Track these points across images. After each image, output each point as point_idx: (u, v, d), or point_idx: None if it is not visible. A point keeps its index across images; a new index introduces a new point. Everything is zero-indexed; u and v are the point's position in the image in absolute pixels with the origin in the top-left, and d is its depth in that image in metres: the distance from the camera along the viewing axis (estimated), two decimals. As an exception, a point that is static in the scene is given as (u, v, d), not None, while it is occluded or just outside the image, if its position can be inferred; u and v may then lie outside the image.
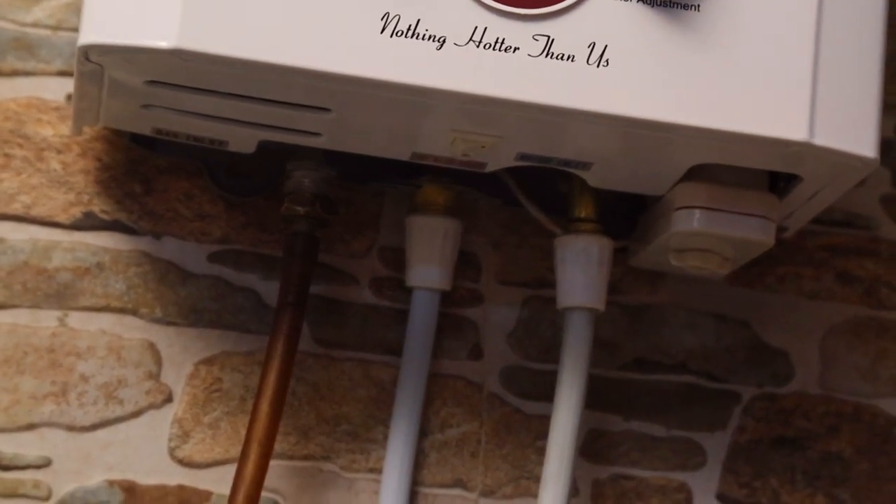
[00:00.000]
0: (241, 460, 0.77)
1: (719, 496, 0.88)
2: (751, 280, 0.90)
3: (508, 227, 0.88)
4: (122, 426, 0.82)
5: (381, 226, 0.87)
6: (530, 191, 0.85)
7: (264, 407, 0.77)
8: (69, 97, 0.84)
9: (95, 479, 0.82)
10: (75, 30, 0.84)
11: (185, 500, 0.82)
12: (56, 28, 0.85)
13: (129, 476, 0.82)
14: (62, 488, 0.81)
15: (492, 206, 0.88)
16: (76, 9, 0.85)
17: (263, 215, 0.85)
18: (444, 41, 0.69)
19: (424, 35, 0.69)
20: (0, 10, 0.85)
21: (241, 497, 0.76)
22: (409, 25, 0.69)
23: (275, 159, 0.82)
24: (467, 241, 0.87)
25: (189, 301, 0.84)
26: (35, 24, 0.85)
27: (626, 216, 0.86)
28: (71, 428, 0.82)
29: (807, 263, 0.91)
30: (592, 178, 0.79)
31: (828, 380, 0.91)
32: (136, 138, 0.83)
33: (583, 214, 0.83)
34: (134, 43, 0.68)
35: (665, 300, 0.89)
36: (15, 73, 0.84)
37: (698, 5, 0.71)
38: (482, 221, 0.88)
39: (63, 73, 0.84)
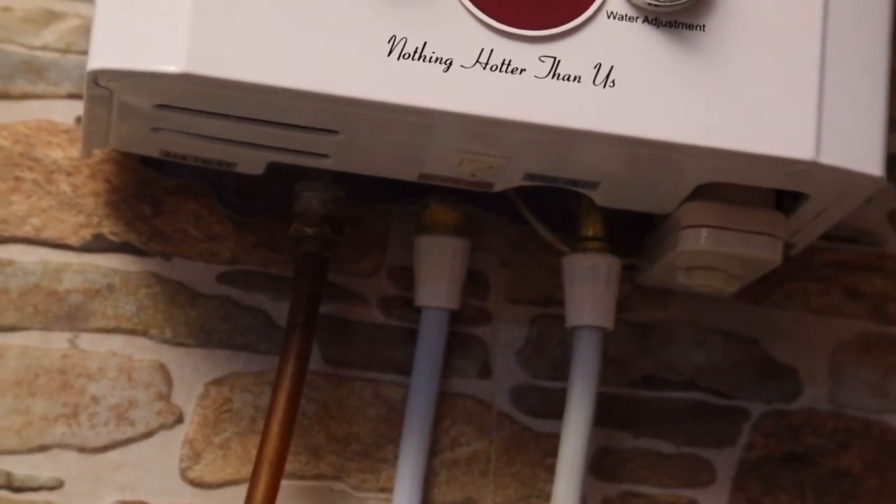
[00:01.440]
0: (253, 481, 0.77)
1: (729, 513, 0.89)
2: (758, 296, 0.90)
3: (516, 245, 0.88)
4: (133, 447, 0.83)
5: (389, 245, 0.87)
6: (538, 209, 0.86)
7: (275, 428, 0.78)
8: (78, 120, 0.84)
9: (107, 500, 0.82)
10: (84, 53, 0.84)
11: (196, 521, 0.83)
12: (65, 51, 0.85)
13: (141, 497, 0.82)
14: (74, 510, 0.82)
15: (499, 224, 0.88)
16: (85, 31, 0.85)
17: (272, 235, 0.85)
18: (450, 63, 0.69)
19: (431, 57, 0.69)
20: (9, 34, 0.85)
21: (252, 518, 0.76)
22: (416, 48, 0.69)
23: (283, 179, 0.82)
24: (475, 260, 0.87)
25: (199, 321, 0.84)
26: (44, 48, 0.85)
27: (634, 234, 0.86)
28: (82, 449, 0.82)
29: (814, 279, 0.92)
30: (599, 197, 0.79)
31: (837, 396, 0.91)
32: (145, 160, 0.84)
33: (590, 233, 0.83)
34: (143, 68, 0.68)
35: (673, 317, 0.90)
36: (25, 96, 0.85)
37: (704, 25, 0.71)
38: (490, 240, 0.88)
39: (72, 96, 0.85)
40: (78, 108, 0.84)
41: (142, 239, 0.84)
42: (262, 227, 0.86)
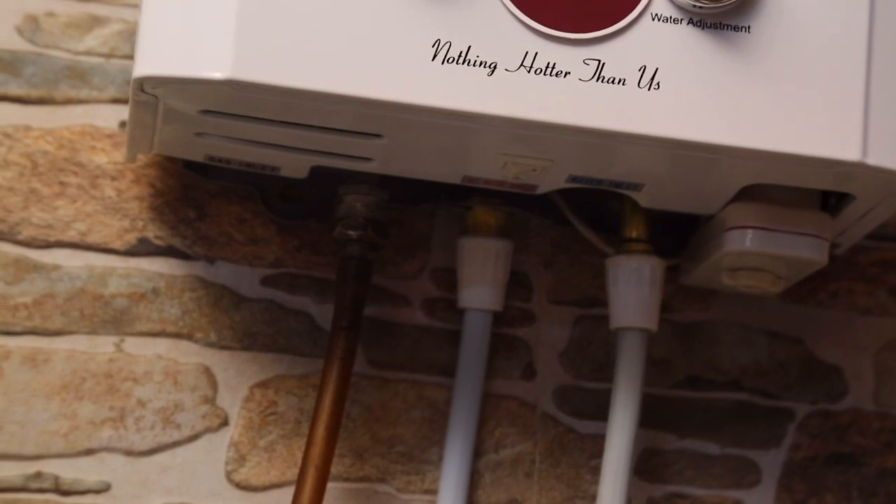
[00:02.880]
0: (299, 485, 0.78)
1: (775, 514, 0.88)
2: (803, 296, 0.90)
3: (559, 246, 0.88)
4: (179, 450, 0.83)
5: (433, 246, 0.87)
6: (581, 210, 0.86)
7: (320, 431, 0.78)
8: (122, 124, 0.85)
9: (154, 503, 0.82)
10: (128, 57, 0.85)
11: (242, 524, 0.83)
12: (109, 56, 0.86)
13: (187, 500, 0.83)
14: (122, 513, 0.82)
15: (542, 226, 0.88)
16: (128, 36, 0.86)
17: (316, 238, 0.86)
18: (494, 67, 0.69)
19: (475, 61, 0.69)
20: (53, 39, 0.86)
21: (299, 521, 0.77)
22: (460, 52, 0.69)
23: (327, 183, 0.82)
24: (518, 261, 0.87)
25: (243, 325, 0.85)
26: (88, 53, 0.86)
27: (678, 234, 0.86)
28: (129, 453, 0.83)
29: (859, 279, 0.91)
30: (644, 199, 0.79)
31: (882, 395, 0.90)
32: (189, 164, 0.84)
33: (634, 235, 0.83)
34: (188, 74, 0.68)
35: (717, 317, 0.90)
36: (69, 102, 0.85)
37: (749, 27, 0.71)
38: (533, 241, 0.88)
39: (116, 101, 0.85)
40: (121, 112, 0.85)
41: (186, 243, 0.85)
42: (305, 230, 0.86)
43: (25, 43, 0.85)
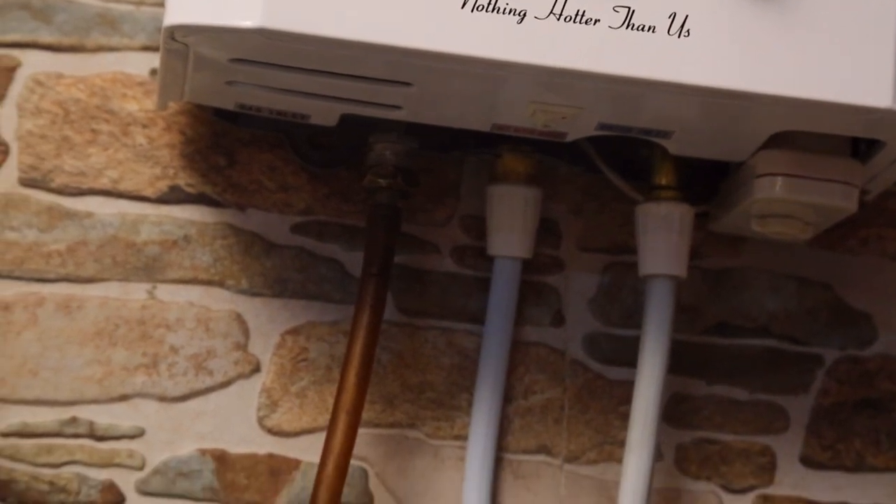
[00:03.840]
0: (330, 430, 0.78)
1: (803, 459, 0.88)
2: (832, 242, 0.90)
3: (588, 193, 0.88)
4: (211, 396, 0.84)
5: (462, 194, 0.87)
6: (610, 158, 0.86)
7: (351, 378, 0.78)
8: (153, 72, 0.85)
9: (187, 448, 0.83)
10: (158, 5, 0.85)
11: (274, 469, 0.84)
12: (139, 3, 0.86)
13: (220, 445, 0.84)
14: (155, 458, 0.83)
15: (571, 173, 0.88)
16: (159, -17, 0.86)
17: (346, 186, 0.86)
18: (524, 15, 0.69)
19: (505, 9, 0.69)
20: (84, -13, 0.86)
21: (330, 466, 0.77)
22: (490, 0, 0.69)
23: (356, 131, 0.82)
24: (547, 209, 0.87)
25: (274, 272, 0.85)
26: (118, 0, 0.86)
27: (708, 181, 0.86)
28: (162, 398, 0.83)
29: (889, 225, 0.91)
30: (673, 146, 0.79)
31: (912, 342, 0.91)
32: (219, 112, 0.85)
33: (664, 182, 0.83)
34: (219, 23, 0.68)
35: (746, 264, 0.90)
36: (99, 49, 0.85)
37: (780, -27, 0.71)
38: (562, 188, 0.88)
39: (147, 48, 0.85)
40: (152, 60, 0.85)
41: (217, 190, 0.85)
42: (335, 178, 0.86)
43: (56, -9, 0.86)
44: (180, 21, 0.69)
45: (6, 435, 0.82)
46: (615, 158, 0.86)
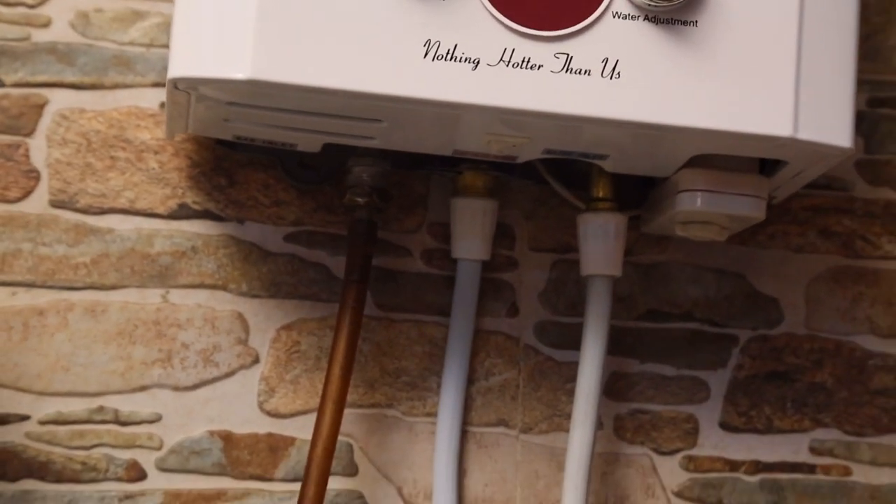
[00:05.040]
0: (319, 417, 0.77)
1: (721, 424, 0.88)
2: (745, 238, 0.89)
3: (538, 201, 0.88)
4: (218, 385, 0.83)
5: (430, 205, 0.86)
6: (556, 171, 0.85)
7: (336, 371, 0.78)
8: (162, 105, 0.83)
9: (198, 430, 0.82)
10: (165, 46, 0.84)
11: (273, 446, 0.83)
12: (149, 45, 0.84)
13: (227, 427, 0.83)
14: (171, 439, 0.82)
15: (523, 185, 0.87)
16: (166, 28, 0.84)
17: (330, 201, 0.85)
18: (478, 62, 0.68)
19: (461, 58, 0.68)
20: (101, 32, 0.84)
21: (320, 448, 0.77)
22: (448, 50, 0.68)
23: (338, 155, 0.81)
24: (503, 214, 0.86)
25: (269, 276, 0.84)
26: (131, 43, 0.84)
27: (639, 189, 0.85)
28: (176, 388, 0.82)
29: (793, 222, 0.90)
30: (608, 165, 0.78)
31: (812, 321, 0.90)
32: (220, 140, 0.83)
33: (600, 194, 0.82)
34: (214, 75, 0.67)
35: (672, 259, 0.89)
36: (116, 86, 0.84)
37: (696, 21, 0.70)
38: (515, 197, 0.87)
39: (157, 85, 0.84)
40: (162, 94, 0.84)
41: (219, 206, 0.84)
42: (321, 194, 0.85)
43: (78, 36, 0.84)
44: (181, 74, 0.68)
45: (44, 423, 0.81)
46: (560, 172, 0.85)
